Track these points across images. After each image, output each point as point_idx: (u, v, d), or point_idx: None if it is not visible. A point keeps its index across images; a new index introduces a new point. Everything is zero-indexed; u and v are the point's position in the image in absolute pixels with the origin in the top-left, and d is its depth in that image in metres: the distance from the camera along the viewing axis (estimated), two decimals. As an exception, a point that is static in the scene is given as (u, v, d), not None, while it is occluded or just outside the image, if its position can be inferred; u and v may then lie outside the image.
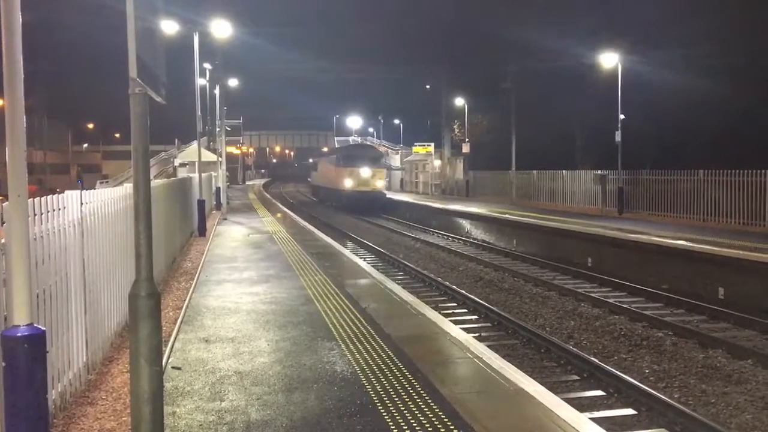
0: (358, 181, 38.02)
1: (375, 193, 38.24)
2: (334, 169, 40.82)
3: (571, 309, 12.58)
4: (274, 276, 11.81)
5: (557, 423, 4.99)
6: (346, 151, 43.32)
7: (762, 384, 8.24)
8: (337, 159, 40.87)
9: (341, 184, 38.75)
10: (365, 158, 39.50)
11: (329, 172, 42.82)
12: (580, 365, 8.90)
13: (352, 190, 37.91)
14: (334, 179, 40.72)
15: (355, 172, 38.13)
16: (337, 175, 39.49)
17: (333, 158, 42.79)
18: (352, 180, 38.04)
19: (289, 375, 6.17)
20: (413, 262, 18.49)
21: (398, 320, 8.41)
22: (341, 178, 38.70)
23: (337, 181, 39.47)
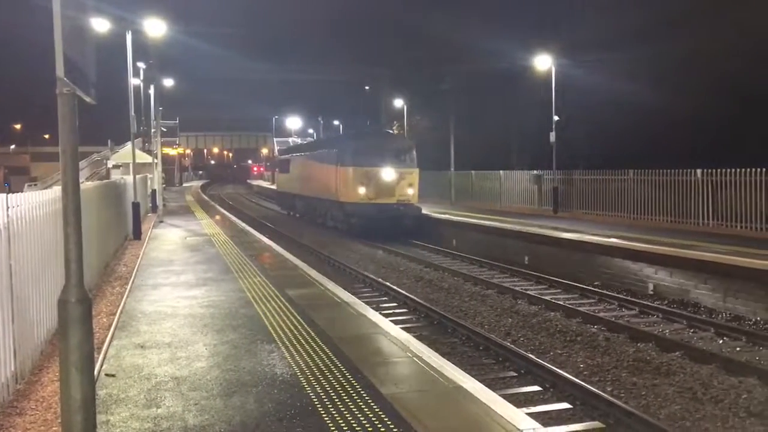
0: (378, 189, 24.40)
1: (403, 207, 24.48)
2: (332, 169, 26.39)
3: (508, 307, 12.82)
4: (212, 279, 11.63)
5: (495, 419, 5.08)
6: (354, 142, 26.60)
7: (689, 375, 8.58)
8: (340, 153, 26.21)
9: (347, 193, 25.00)
10: (387, 152, 25.35)
11: (321, 175, 28.47)
12: (518, 362, 9.09)
13: (367, 202, 24.28)
14: (330, 185, 26.58)
15: (373, 175, 24.47)
16: (339, 178, 25.55)
17: (328, 153, 27.96)
18: (368, 187, 24.37)
19: (228, 379, 6.09)
20: (353, 263, 18.50)
21: (339, 321, 8.41)
22: (347, 184, 24.94)
23: (339, 188, 25.54)
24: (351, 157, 25.15)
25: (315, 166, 29.89)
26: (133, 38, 22.46)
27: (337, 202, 26.10)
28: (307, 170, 31.36)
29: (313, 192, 30.38)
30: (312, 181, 30.37)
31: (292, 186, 35.29)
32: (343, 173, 25.34)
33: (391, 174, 24.67)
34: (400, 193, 24.66)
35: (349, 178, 24.91)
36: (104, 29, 19.67)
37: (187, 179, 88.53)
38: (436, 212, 26.29)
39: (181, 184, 74.46)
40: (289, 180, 36.37)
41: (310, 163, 31.04)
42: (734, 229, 17.54)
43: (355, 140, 27.14)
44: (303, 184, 32.46)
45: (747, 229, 17.19)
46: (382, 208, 24.10)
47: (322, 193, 28.46)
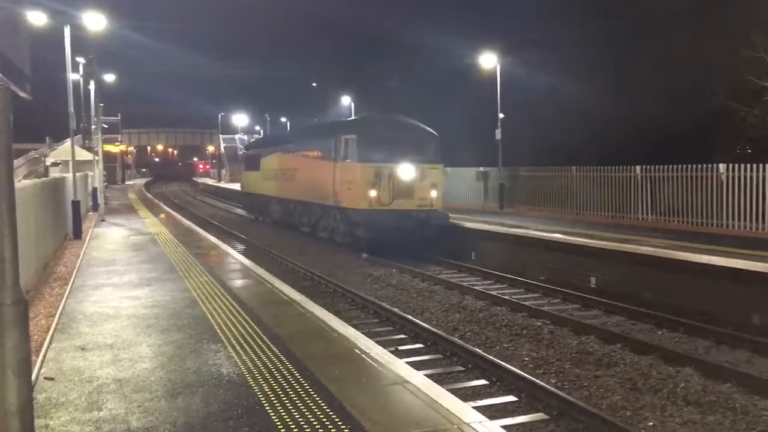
0: (393, 192, 18.81)
1: (425, 214, 19.02)
2: (328, 167, 20.69)
3: (456, 302, 12.96)
4: (156, 279, 11.40)
5: (442, 413, 5.14)
6: (361, 130, 20.30)
7: (629, 366, 8.83)
8: (340, 146, 20.12)
9: (350, 197, 19.30)
10: (404, 143, 19.66)
11: (310, 173, 22.82)
12: (465, 356, 9.20)
13: (379, 209, 18.63)
14: (325, 187, 20.79)
15: (387, 174, 18.78)
16: (339, 178, 19.89)
17: (322, 145, 21.82)
18: (380, 189, 18.70)
19: (173, 380, 5.99)
20: (301, 261, 18.40)
21: (286, 319, 8.36)
22: (351, 186, 19.23)
23: (339, 190, 19.85)
24: (357, 150, 19.17)
25: (300, 163, 23.95)
26: (72, 32, 21.81)
27: (335, 208, 20.32)
28: (288, 168, 25.54)
29: (296, 194, 24.43)
30: (295, 181, 24.44)
31: (265, 187, 29.23)
32: (346, 171, 19.43)
33: (409, 172, 18.97)
34: (421, 195, 19.04)
35: (354, 177, 18.97)
36: (41, 22, 19.06)
37: (130, 177, 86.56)
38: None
39: (124, 182, 72.75)
40: (259, 179, 30.12)
41: (293, 159, 25.01)
42: (671, 223, 18.12)
43: (362, 128, 20.55)
44: (281, 185, 26.49)
45: (682, 224, 17.79)
46: (398, 216, 18.43)
47: (310, 197, 22.60)
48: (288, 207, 26.07)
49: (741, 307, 11.12)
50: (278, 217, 27.76)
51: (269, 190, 28.51)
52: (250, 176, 32.83)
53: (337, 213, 20.44)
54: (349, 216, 19.52)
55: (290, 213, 25.94)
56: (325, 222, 22.02)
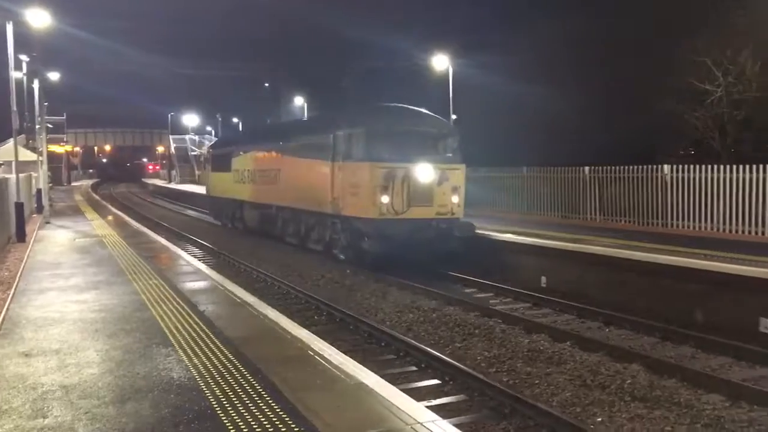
0: (410, 197, 15.88)
1: (446, 224, 16.17)
2: (325, 167, 17.58)
3: (409, 302, 13.01)
4: (104, 282, 11.14)
5: (395, 413, 5.15)
6: (369, 123, 16.93)
7: (579, 364, 9.01)
8: (342, 142, 17.06)
9: (357, 203, 16.27)
10: (420, 139, 16.83)
11: (299, 175, 19.43)
12: (418, 356, 9.25)
13: (393, 218, 15.73)
14: (321, 192, 17.65)
15: (401, 176, 15.81)
16: (341, 181, 16.82)
17: (318, 142, 18.37)
18: (394, 194, 15.76)
19: (121, 385, 5.86)
20: (254, 263, 18.23)
21: (239, 322, 8.27)
22: (358, 190, 16.23)
23: (342, 196, 16.77)
24: (365, 148, 16.04)
25: (286, 163, 20.50)
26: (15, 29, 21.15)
27: (335, 217, 17.15)
28: (269, 168, 21.99)
29: (280, 200, 21.13)
30: (279, 184, 20.98)
31: (237, 190, 25.62)
32: (350, 173, 16.29)
33: (428, 173, 15.89)
34: (441, 202, 16.07)
35: (361, 180, 15.92)
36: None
37: (77, 178, 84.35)
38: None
39: (70, 184, 70.88)
40: (230, 182, 26.45)
41: (276, 159, 21.49)
42: (618, 223, 18.55)
43: (371, 120, 16.92)
44: (259, 189, 22.98)
45: (629, 223, 18.23)
46: (415, 226, 15.54)
47: (300, 203, 19.28)
48: (268, 214, 22.64)
49: (685, 303, 11.46)
50: (254, 225, 24.42)
51: (243, 194, 25.03)
52: (218, 178, 29.08)
53: (338, 223, 17.30)
54: (355, 227, 16.37)
55: (271, 221, 22.53)
56: (320, 233, 18.76)
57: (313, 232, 19.41)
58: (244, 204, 25.21)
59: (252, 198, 24.01)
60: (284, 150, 21.15)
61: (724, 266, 11.06)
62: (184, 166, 78.69)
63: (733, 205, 15.39)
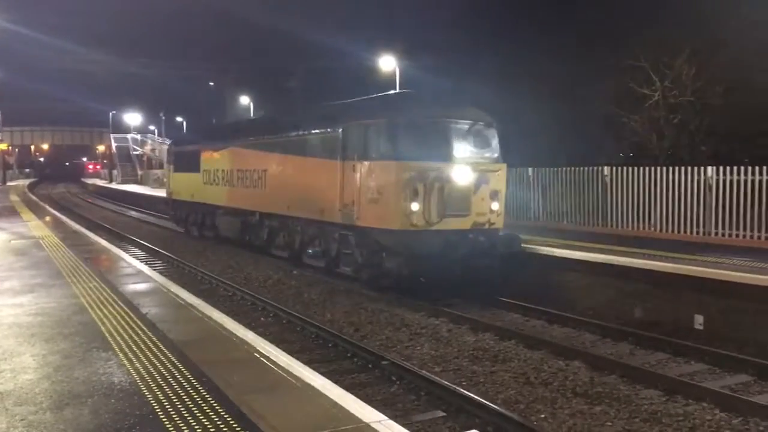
0: (445, 204, 12.82)
1: (484, 236, 13.27)
2: (334, 167, 14.34)
3: (357, 303, 13.00)
4: (41, 285, 10.78)
5: (343, 414, 5.14)
6: (397, 112, 13.50)
7: (523, 362, 9.18)
8: (355, 135, 13.85)
9: (379, 211, 13.06)
10: (457, 134, 13.46)
11: (298, 177, 16.36)
12: (366, 357, 9.26)
13: (424, 229, 12.68)
14: (328, 197, 14.48)
15: (434, 178, 12.78)
16: (357, 184, 13.55)
17: (323, 136, 15.22)
18: (427, 201, 12.69)
19: (59, 391, 5.68)
20: (200, 264, 17.97)
21: (183, 324, 8.12)
22: (381, 196, 13.00)
23: (358, 202, 13.47)
24: (391, 143, 12.91)
25: (276, 162, 17.44)
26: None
27: (347, 228, 13.94)
28: (251, 169, 18.75)
29: (267, 206, 17.93)
30: (266, 187, 17.93)
31: (208, 193, 22.23)
32: (370, 174, 13.14)
33: (466, 175, 12.97)
34: (479, 209, 13.20)
35: (385, 183, 12.82)
36: None
37: (13, 178, 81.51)
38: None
39: (5, 183, 68.45)
40: (198, 184, 23.02)
41: (262, 157, 18.26)
42: (561, 224, 18.93)
43: (397, 110, 13.68)
44: (237, 192, 19.79)
45: (571, 224, 18.60)
46: (449, 239, 12.62)
47: (296, 210, 16.09)
48: (249, 222, 19.45)
49: (624, 301, 11.80)
50: (230, 235, 20.97)
51: (215, 198, 21.68)
52: (182, 179, 25.32)
53: (350, 235, 14.01)
54: (374, 240, 13.26)
55: (253, 230, 19.43)
56: (322, 246, 15.75)
57: (312, 244, 16.55)
58: (218, 210, 21.76)
59: (228, 203, 20.84)
60: (272, 147, 17.95)
61: (663, 265, 11.41)
62: (125, 165, 77.01)
63: (668, 206, 15.88)
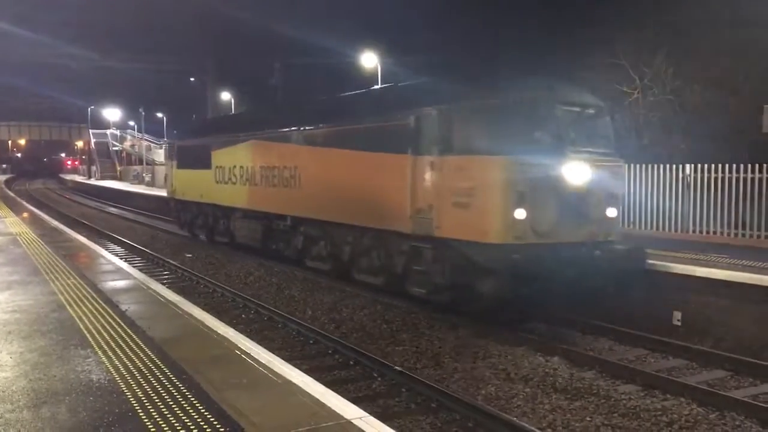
0: (556, 210, 10.06)
1: (602, 246, 10.39)
2: (405, 163, 11.35)
3: (339, 299, 13.00)
4: (18, 282, 10.66)
5: (324, 410, 5.14)
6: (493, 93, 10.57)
7: (503, 358, 9.23)
8: (435, 123, 10.79)
9: (472, 219, 10.16)
10: (570, 124, 10.51)
11: (354, 172, 13.10)
12: (347, 353, 9.27)
13: (533, 242, 9.89)
14: (396, 201, 11.60)
15: (544, 178, 9.95)
16: (445, 186, 10.58)
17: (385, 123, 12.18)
18: (535, 207, 9.91)
19: (37, 389, 5.63)
20: (179, 261, 17.85)
21: (163, 321, 8.06)
22: (469, 200, 10.19)
23: (442, 208, 10.58)
24: (488, 132, 10.27)
25: (317, 157, 14.42)
26: None
27: (423, 239, 11.16)
28: (283, 165, 15.79)
29: (304, 209, 15.03)
30: (303, 187, 14.98)
31: (222, 194, 19.47)
32: (458, 173, 10.44)
33: (582, 173, 10.28)
34: (596, 215, 10.53)
35: (481, 184, 10.16)
36: None
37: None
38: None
39: (-19, 179, 67.57)
40: (210, 183, 20.13)
41: (298, 151, 15.26)
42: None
43: (494, 90, 10.91)
44: (263, 193, 16.85)
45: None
46: (563, 254, 9.91)
47: (346, 215, 13.32)
48: (276, 227, 16.70)
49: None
50: (250, 241, 18.22)
51: (232, 199, 18.84)
52: (188, 177, 22.30)
53: (427, 249, 11.14)
54: (463, 255, 10.31)
55: (280, 237, 16.68)
56: (383, 260, 12.70)
57: (368, 257, 13.24)
58: (234, 212, 19.04)
59: (248, 204, 17.91)
60: (311, 139, 14.89)
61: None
62: (104, 161, 76.30)
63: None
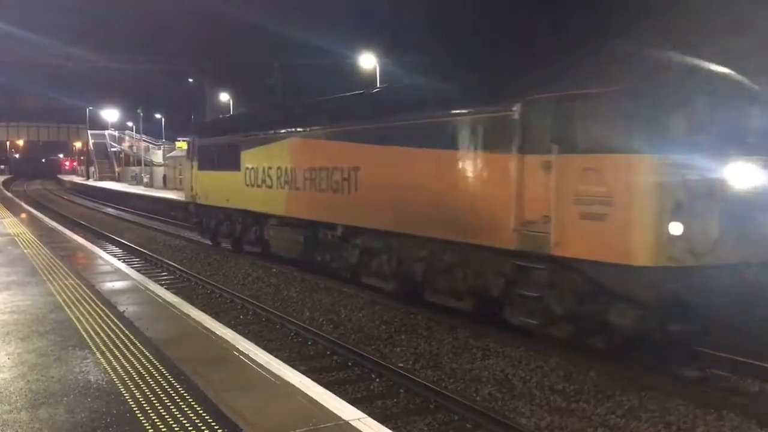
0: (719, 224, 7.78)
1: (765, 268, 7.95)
2: (507, 165, 9.03)
3: (337, 300, 12.99)
4: (16, 282, 10.66)
5: (322, 411, 5.15)
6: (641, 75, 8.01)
7: (501, 359, 9.23)
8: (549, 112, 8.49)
9: (611, 235, 7.85)
10: (734, 115, 8.15)
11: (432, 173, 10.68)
12: (345, 354, 9.26)
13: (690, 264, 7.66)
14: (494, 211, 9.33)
15: (703, 184, 7.77)
16: (567, 190, 8.25)
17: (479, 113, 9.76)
18: (693, 222, 7.66)
19: (35, 390, 5.63)
20: (178, 261, 17.83)
21: (161, 322, 8.07)
22: (606, 210, 7.85)
23: (564, 220, 8.29)
24: (634, 124, 7.87)
25: (388, 157, 11.95)
26: None
27: (538, 258, 8.93)
28: (339, 166, 13.33)
29: (363, 218, 12.77)
30: (361, 191, 12.66)
31: (254, 198, 16.99)
32: (589, 175, 8.15)
33: (750, 176, 8.10)
34: (762, 230, 8.19)
35: (625, 189, 7.84)
36: None
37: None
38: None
39: (-21, 180, 67.51)
40: (239, 186, 17.64)
41: (361, 150, 12.76)
42: None
43: (643, 67, 8.35)
44: (308, 198, 14.46)
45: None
46: (725, 279, 7.82)
47: (426, 226, 11.02)
48: (322, 237, 14.23)
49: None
50: (288, 252, 15.83)
51: (266, 204, 16.39)
52: (212, 179, 19.76)
53: (541, 270, 9.03)
54: (593, 279, 8.41)
55: (329, 248, 14.18)
56: (474, 280, 10.40)
57: (449, 277, 10.88)
58: (268, 219, 16.61)
59: (287, 211, 15.40)
60: (374, 136, 12.36)
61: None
62: (103, 162, 76.34)
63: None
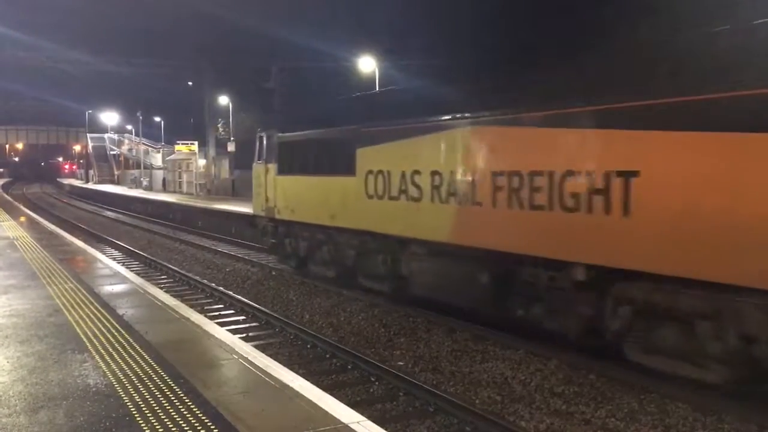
0: None
1: None
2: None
3: (337, 303, 12.98)
4: (15, 286, 10.66)
5: (321, 415, 5.14)
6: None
7: (501, 362, 9.22)
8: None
9: None
10: None
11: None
12: (344, 357, 9.26)
13: None
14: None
15: None
16: None
17: None
18: None
19: (34, 393, 5.62)
20: (177, 264, 17.82)
21: (160, 325, 8.07)
22: None
23: None
24: None
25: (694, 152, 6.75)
26: None
27: None
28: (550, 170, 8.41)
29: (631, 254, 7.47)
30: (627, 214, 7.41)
31: (382, 216, 11.90)
32: None
33: None
34: None
35: None
36: None
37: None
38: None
39: (-21, 183, 67.49)
40: (353, 198, 12.61)
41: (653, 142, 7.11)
42: None
43: None
44: (488, 218, 9.54)
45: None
46: None
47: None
48: (520, 278, 9.45)
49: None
50: (450, 296, 10.99)
51: (408, 226, 11.37)
52: (304, 189, 14.73)
53: None
54: None
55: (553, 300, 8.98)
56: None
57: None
58: (406, 247, 11.67)
59: (459, 238, 10.27)
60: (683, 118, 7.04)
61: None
62: (102, 165, 76.27)
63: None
